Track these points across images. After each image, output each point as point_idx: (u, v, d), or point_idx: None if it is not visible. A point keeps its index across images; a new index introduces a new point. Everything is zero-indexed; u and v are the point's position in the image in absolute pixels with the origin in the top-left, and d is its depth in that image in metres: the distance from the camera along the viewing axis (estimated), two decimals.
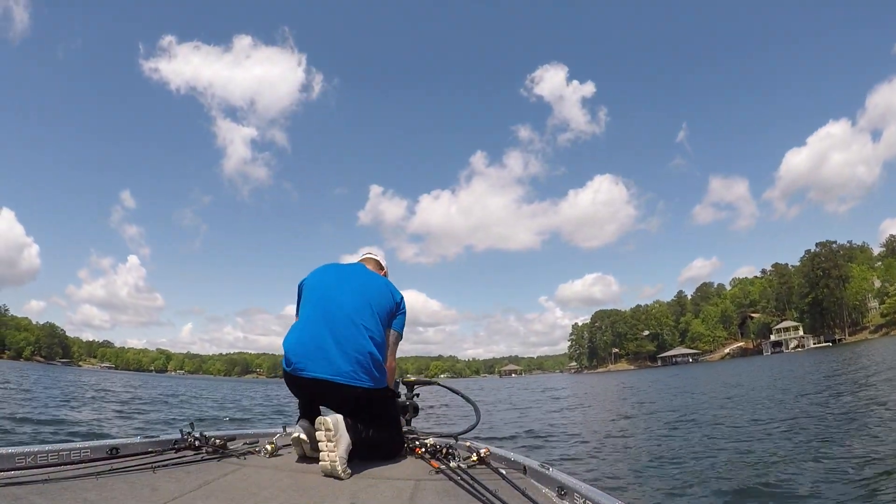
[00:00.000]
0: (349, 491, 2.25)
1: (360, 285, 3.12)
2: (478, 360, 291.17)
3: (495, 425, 13.89)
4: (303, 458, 2.82)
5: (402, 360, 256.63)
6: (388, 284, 3.29)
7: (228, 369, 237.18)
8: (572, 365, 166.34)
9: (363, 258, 3.61)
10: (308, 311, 3.05)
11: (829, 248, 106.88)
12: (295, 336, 2.97)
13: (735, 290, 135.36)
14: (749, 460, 7.39)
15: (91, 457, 2.60)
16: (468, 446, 3.14)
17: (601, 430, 12.27)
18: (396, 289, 3.30)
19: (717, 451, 8.27)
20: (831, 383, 18.75)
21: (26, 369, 58.51)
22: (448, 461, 2.69)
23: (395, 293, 3.24)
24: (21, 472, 2.27)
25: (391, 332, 3.17)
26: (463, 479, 2.38)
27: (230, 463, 2.75)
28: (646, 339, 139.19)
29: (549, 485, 2.38)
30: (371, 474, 2.59)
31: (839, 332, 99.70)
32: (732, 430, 10.34)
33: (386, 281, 3.35)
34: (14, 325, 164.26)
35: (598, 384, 45.52)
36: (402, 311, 3.24)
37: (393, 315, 3.17)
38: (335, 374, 2.82)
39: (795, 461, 7.04)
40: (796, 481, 6.04)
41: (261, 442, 3.22)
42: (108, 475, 2.27)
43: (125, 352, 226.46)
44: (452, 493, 2.27)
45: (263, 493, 2.16)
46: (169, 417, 15.08)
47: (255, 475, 2.49)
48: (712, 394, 20.42)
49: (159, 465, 2.50)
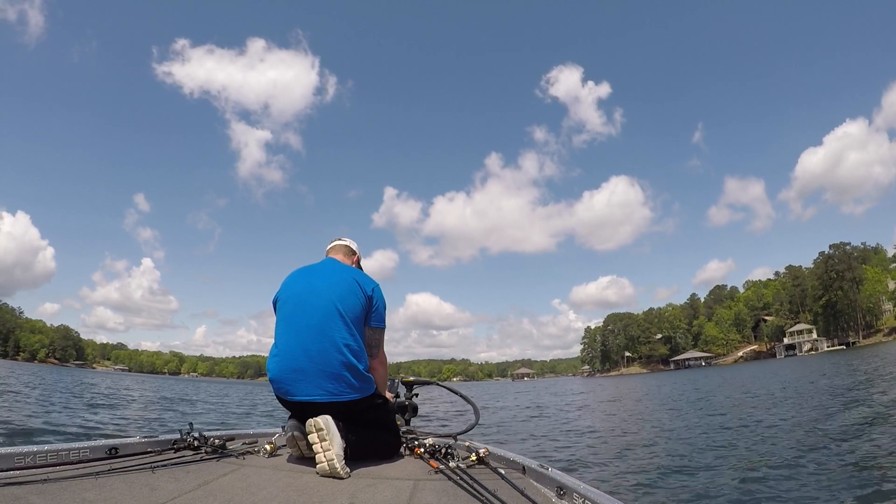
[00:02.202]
0: (348, 491, 2.25)
1: (327, 289, 3.01)
2: (490, 364, 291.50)
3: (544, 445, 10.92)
4: (301, 459, 2.81)
5: (415, 364, 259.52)
6: (358, 277, 3.13)
7: (241, 372, 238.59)
8: (585, 368, 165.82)
9: (332, 247, 3.52)
10: (281, 329, 3.02)
11: (842, 249, 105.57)
12: (274, 362, 2.97)
13: (748, 293, 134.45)
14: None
15: (90, 457, 2.61)
16: (467, 446, 3.14)
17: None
18: (368, 278, 3.18)
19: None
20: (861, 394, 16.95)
21: (41, 371, 58.92)
22: (447, 461, 2.68)
23: (366, 284, 3.10)
24: (20, 472, 2.28)
25: (369, 330, 3.09)
26: (462, 479, 2.38)
27: (229, 463, 2.75)
28: (658, 343, 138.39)
29: (548, 485, 2.37)
30: (370, 474, 2.59)
31: (853, 334, 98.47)
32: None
33: (354, 274, 3.17)
34: (29, 327, 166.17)
35: (618, 389, 44.83)
36: (376, 303, 3.11)
37: (367, 311, 3.06)
38: (317, 396, 2.83)
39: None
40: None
41: (260, 442, 3.22)
42: (107, 475, 2.27)
43: (139, 354, 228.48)
44: (452, 493, 2.26)
45: (262, 493, 2.16)
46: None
47: (254, 475, 2.49)
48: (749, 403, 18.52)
49: (158, 464, 2.50)
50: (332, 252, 3.48)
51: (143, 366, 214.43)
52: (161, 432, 3.32)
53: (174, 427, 11.57)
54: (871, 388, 17.23)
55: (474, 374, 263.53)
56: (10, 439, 9.19)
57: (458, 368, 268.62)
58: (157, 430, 11.54)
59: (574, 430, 13.44)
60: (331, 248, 3.51)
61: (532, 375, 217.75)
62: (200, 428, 3.17)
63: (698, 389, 26.49)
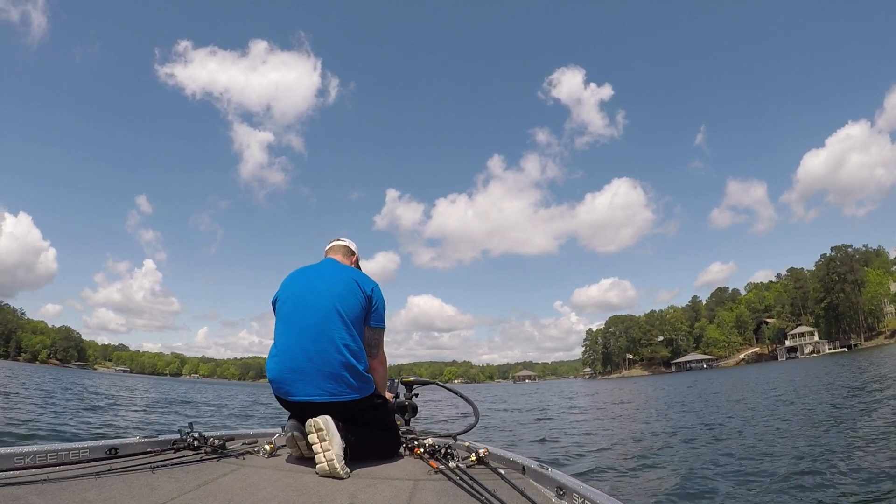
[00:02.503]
0: (347, 491, 2.24)
1: (326, 289, 3.01)
2: (492, 366, 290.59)
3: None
4: (301, 459, 2.81)
5: (417, 366, 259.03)
6: (357, 277, 3.12)
7: (243, 373, 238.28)
8: (586, 371, 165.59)
9: (330, 247, 3.51)
10: (280, 330, 3.03)
11: (844, 252, 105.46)
12: (273, 362, 2.98)
13: (750, 295, 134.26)
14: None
15: (90, 457, 2.60)
16: (467, 446, 3.13)
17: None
18: (367, 278, 3.17)
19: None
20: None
21: (42, 372, 58.92)
22: (447, 461, 2.67)
23: (365, 284, 3.09)
24: (20, 472, 2.27)
25: (369, 330, 3.08)
26: (462, 479, 2.37)
27: (229, 463, 2.74)
28: (660, 345, 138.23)
29: (547, 485, 2.37)
30: (370, 474, 2.58)
31: (855, 337, 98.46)
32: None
33: (353, 274, 3.16)
34: (30, 328, 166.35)
35: (619, 390, 44.58)
36: (375, 303, 3.10)
37: (367, 311, 3.06)
38: (316, 396, 2.83)
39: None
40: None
41: (259, 442, 3.21)
42: (106, 475, 2.27)
43: (140, 355, 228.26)
44: (451, 493, 2.26)
45: (262, 494, 2.16)
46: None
47: (254, 475, 2.49)
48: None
49: (158, 465, 2.50)
50: (331, 252, 3.46)
51: (144, 367, 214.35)
52: (162, 433, 3.31)
53: (173, 428, 11.53)
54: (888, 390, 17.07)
55: (475, 377, 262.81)
56: (10, 439, 9.19)
57: (460, 371, 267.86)
58: (160, 431, 11.54)
59: (577, 432, 13.41)
60: (329, 249, 3.50)
61: (533, 377, 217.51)
62: (200, 428, 3.17)
63: (717, 393, 25.28)
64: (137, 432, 11.50)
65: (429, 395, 19.81)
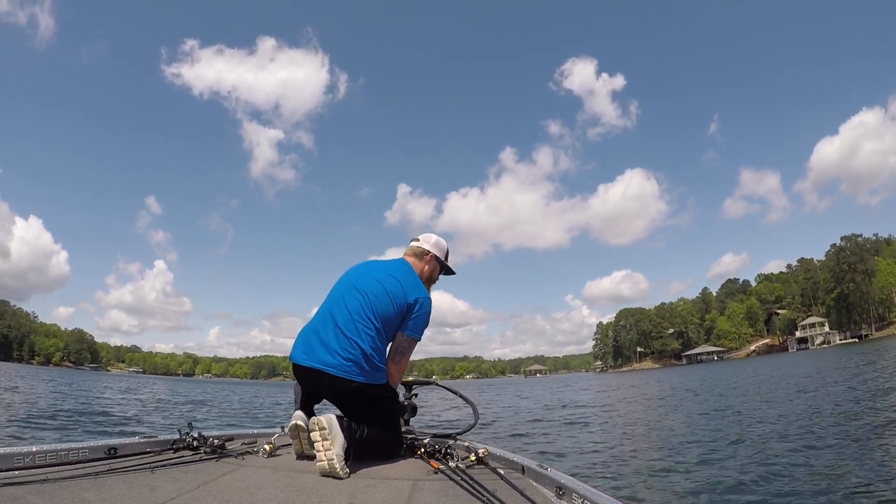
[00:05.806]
0: (347, 491, 2.24)
1: (368, 287, 3.05)
2: (503, 361, 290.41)
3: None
4: (301, 458, 2.83)
5: (428, 362, 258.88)
6: (407, 283, 3.13)
7: (255, 372, 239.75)
8: (597, 364, 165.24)
9: (409, 247, 3.51)
10: (323, 305, 3.14)
11: (854, 241, 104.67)
12: (305, 327, 3.12)
13: (760, 287, 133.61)
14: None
15: (89, 457, 2.62)
16: (466, 446, 3.12)
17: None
18: (419, 287, 3.18)
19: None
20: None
21: (57, 375, 59.28)
22: (447, 461, 2.67)
23: (411, 293, 3.08)
24: (19, 472, 2.29)
25: (401, 335, 3.10)
26: (462, 479, 2.37)
27: (228, 463, 2.75)
28: (671, 338, 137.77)
29: (547, 484, 2.36)
30: (369, 474, 2.58)
31: (866, 327, 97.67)
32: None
33: (406, 278, 3.17)
34: (43, 331, 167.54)
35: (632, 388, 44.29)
36: (417, 312, 3.09)
37: (403, 317, 3.06)
38: (328, 366, 2.87)
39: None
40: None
41: (259, 442, 3.21)
42: (106, 475, 2.28)
43: (153, 356, 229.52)
44: (451, 493, 2.26)
45: (261, 494, 2.16)
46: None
47: (254, 475, 2.49)
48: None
49: (157, 465, 2.51)
50: (407, 251, 3.50)
51: (157, 368, 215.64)
52: (161, 433, 3.32)
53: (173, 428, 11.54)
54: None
55: (487, 372, 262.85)
56: (10, 440, 9.26)
57: (472, 366, 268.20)
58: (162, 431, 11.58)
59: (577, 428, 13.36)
60: (408, 248, 3.52)
61: (545, 372, 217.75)
62: (201, 429, 3.18)
63: (735, 388, 24.39)
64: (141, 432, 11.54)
65: (427, 394, 19.75)
